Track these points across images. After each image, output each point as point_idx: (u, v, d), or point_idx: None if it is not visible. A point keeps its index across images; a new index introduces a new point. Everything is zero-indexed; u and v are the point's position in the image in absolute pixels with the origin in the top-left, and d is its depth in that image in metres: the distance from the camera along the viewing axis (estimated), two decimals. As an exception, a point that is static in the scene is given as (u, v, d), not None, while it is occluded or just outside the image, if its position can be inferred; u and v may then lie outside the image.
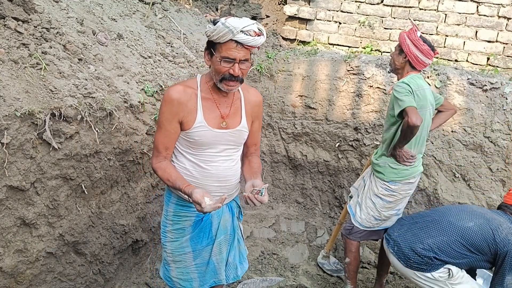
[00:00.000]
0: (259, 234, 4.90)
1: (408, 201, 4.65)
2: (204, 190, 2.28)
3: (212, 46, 2.34)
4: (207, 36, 2.32)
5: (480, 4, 5.00)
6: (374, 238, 3.87)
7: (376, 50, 5.44)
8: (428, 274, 3.17)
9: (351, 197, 3.92)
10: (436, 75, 4.58)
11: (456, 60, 5.14)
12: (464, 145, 4.46)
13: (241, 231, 2.90)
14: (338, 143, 5.00)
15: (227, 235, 2.74)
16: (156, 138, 2.48)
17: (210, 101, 2.47)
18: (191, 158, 2.52)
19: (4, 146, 2.53)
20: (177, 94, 2.39)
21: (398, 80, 3.56)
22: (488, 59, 5.02)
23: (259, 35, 2.30)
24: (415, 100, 3.26)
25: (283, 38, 5.76)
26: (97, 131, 3.09)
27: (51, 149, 2.81)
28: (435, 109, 3.67)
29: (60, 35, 3.29)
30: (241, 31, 2.23)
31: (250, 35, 2.26)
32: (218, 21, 2.27)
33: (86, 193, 3.18)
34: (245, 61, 2.34)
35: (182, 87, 2.43)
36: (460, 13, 5.09)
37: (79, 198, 3.16)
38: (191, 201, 2.31)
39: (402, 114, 3.25)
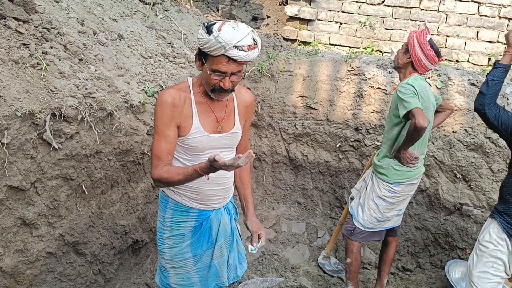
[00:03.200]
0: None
1: (409, 202, 4.65)
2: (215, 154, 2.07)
3: (203, 55, 2.24)
4: (199, 44, 2.21)
5: (481, 4, 5.00)
6: (375, 239, 3.87)
7: (377, 51, 5.45)
8: None
9: (352, 198, 3.91)
10: (437, 75, 4.57)
11: (457, 61, 5.14)
12: (465, 145, 4.45)
13: (238, 231, 2.85)
14: (339, 144, 4.99)
15: (227, 237, 2.70)
16: (156, 146, 2.33)
17: (204, 106, 2.40)
18: (187, 163, 2.42)
19: (5, 146, 2.53)
20: (171, 97, 2.29)
21: (400, 78, 3.56)
22: (489, 59, 5.02)
23: (252, 49, 2.17)
24: (419, 101, 3.25)
25: (284, 38, 5.76)
26: (97, 131, 3.09)
27: (51, 149, 2.81)
28: None
29: (60, 35, 3.29)
30: (234, 46, 2.11)
31: (244, 51, 2.14)
32: (212, 29, 2.13)
33: (87, 193, 3.17)
34: (237, 72, 2.25)
35: (175, 91, 2.33)
36: (461, 14, 5.09)
37: (79, 198, 3.16)
38: (208, 177, 2.18)
39: (408, 115, 3.23)
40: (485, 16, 5.01)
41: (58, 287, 3.14)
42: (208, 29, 2.14)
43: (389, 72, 4.70)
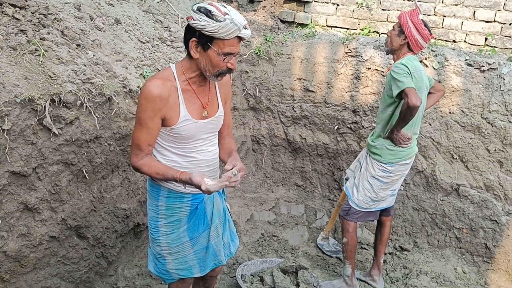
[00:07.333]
0: (259, 217, 4.95)
1: (407, 183, 4.70)
2: (200, 173, 2.28)
3: (208, 40, 2.23)
4: (201, 29, 2.19)
5: (478, -16, 4.98)
6: (370, 219, 3.93)
7: (374, 32, 5.44)
8: None
9: (347, 179, 3.97)
10: (434, 56, 4.58)
11: (454, 41, 5.14)
12: (461, 126, 4.48)
13: (229, 210, 2.90)
14: (337, 126, 5.02)
15: (221, 217, 2.75)
16: (137, 136, 2.37)
17: (190, 92, 2.42)
18: (177, 151, 2.48)
19: (5, 132, 2.56)
20: (157, 90, 2.28)
21: (393, 60, 3.59)
22: (486, 39, 5.02)
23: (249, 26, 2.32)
24: (413, 81, 3.29)
25: (281, 21, 5.75)
26: (96, 116, 3.12)
27: (51, 134, 2.84)
28: None
29: (57, 21, 3.29)
30: (243, 26, 2.21)
31: (247, 29, 2.26)
32: (213, 13, 2.16)
33: (88, 178, 3.21)
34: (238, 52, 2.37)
35: (161, 81, 2.32)
36: (458, -7, 5.08)
37: (80, 183, 3.20)
38: (185, 187, 2.33)
39: (401, 95, 3.28)
40: (482, -5, 5.00)
41: (61, 270, 3.20)
42: (208, 15, 2.17)
43: (387, 53, 4.70)
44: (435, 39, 4.63)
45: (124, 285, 3.64)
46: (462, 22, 5.09)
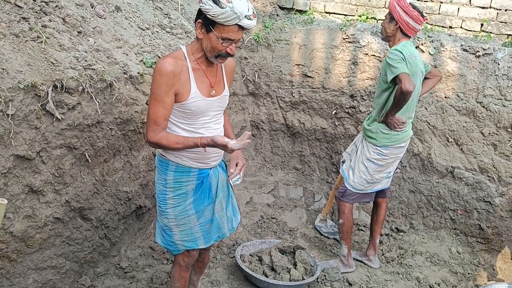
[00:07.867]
0: (258, 199, 5.05)
1: (403, 166, 4.79)
2: (220, 135, 2.50)
3: (211, 23, 2.41)
4: (205, 12, 2.37)
5: (475, -31, 5.01)
6: (366, 201, 4.02)
7: (371, 18, 5.48)
8: None
9: (343, 162, 4.06)
10: (430, 42, 4.64)
11: (450, 27, 5.18)
12: (457, 110, 4.55)
13: (231, 186, 3.04)
14: (335, 111, 5.10)
15: (225, 192, 2.91)
16: (153, 111, 2.50)
17: (199, 72, 2.59)
18: (186, 127, 2.62)
19: (10, 117, 2.65)
20: (170, 66, 2.45)
21: (389, 46, 3.66)
22: (482, 25, 5.06)
23: (255, 17, 2.43)
24: (407, 67, 3.36)
25: (280, 7, 5.80)
26: (98, 101, 3.20)
27: (54, 119, 2.93)
28: None
29: (59, 8, 3.36)
30: (245, 16, 2.35)
31: (251, 19, 2.39)
32: (221, 1, 2.31)
33: (90, 161, 3.31)
34: (240, 39, 2.49)
35: (173, 59, 2.49)
36: (455, -21, 5.11)
37: (83, 166, 3.29)
38: (205, 151, 2.54)
39: (395, 80, 3.35)
40: (479, -20, 5.03)
41: (66, 250, 3.31)
42: (214, 0, 2.32)
43: (383, 41, 4.76)
44: (430, 24, 4.67)
45: (127, 265, 3.75)
46: (458, 8, 5.13)
